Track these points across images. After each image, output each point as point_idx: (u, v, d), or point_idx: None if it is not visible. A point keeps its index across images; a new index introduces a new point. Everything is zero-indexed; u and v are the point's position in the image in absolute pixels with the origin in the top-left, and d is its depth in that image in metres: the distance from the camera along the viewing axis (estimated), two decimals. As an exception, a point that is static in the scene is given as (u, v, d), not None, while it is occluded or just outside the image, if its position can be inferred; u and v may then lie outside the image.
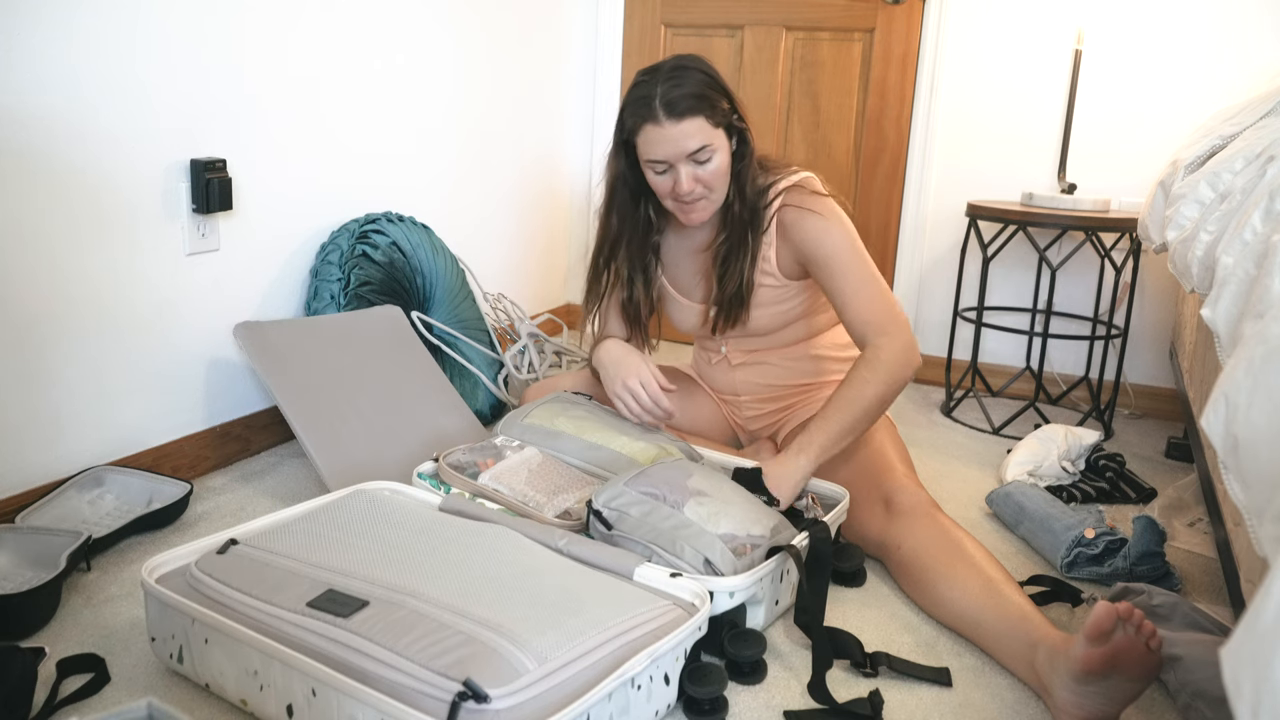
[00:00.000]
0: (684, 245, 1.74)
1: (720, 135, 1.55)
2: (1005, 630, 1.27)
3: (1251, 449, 0.69)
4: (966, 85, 2.62)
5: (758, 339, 1.75)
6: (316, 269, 2.02)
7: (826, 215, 1.60)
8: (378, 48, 2.19)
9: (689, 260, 1.74)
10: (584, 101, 3.08)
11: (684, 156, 1.53)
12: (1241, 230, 1.11)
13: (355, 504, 1.37)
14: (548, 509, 1.45)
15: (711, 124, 1.53)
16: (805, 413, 1.75)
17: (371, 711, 0.96)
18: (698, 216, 1.61)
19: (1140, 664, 1.07)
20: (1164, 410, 2.54)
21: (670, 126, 1.50)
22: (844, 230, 1.61)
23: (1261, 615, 0.45)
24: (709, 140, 1.53)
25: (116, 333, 1.66)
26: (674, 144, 1.51)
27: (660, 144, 1.52)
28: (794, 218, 1.61)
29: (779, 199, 1.63)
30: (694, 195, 1.56)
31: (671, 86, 1.51)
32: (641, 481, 1.38)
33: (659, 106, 1.50)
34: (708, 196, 1.58)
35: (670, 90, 1.50)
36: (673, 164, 1.53)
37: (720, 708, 1.16)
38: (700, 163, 1.54)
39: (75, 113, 1.54)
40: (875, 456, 1.59)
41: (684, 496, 1.35)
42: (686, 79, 1.52)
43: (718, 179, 1.57)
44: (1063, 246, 2.47)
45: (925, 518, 1.44)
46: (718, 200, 1.61)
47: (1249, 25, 2.33)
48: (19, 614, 1.27)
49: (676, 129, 1.50)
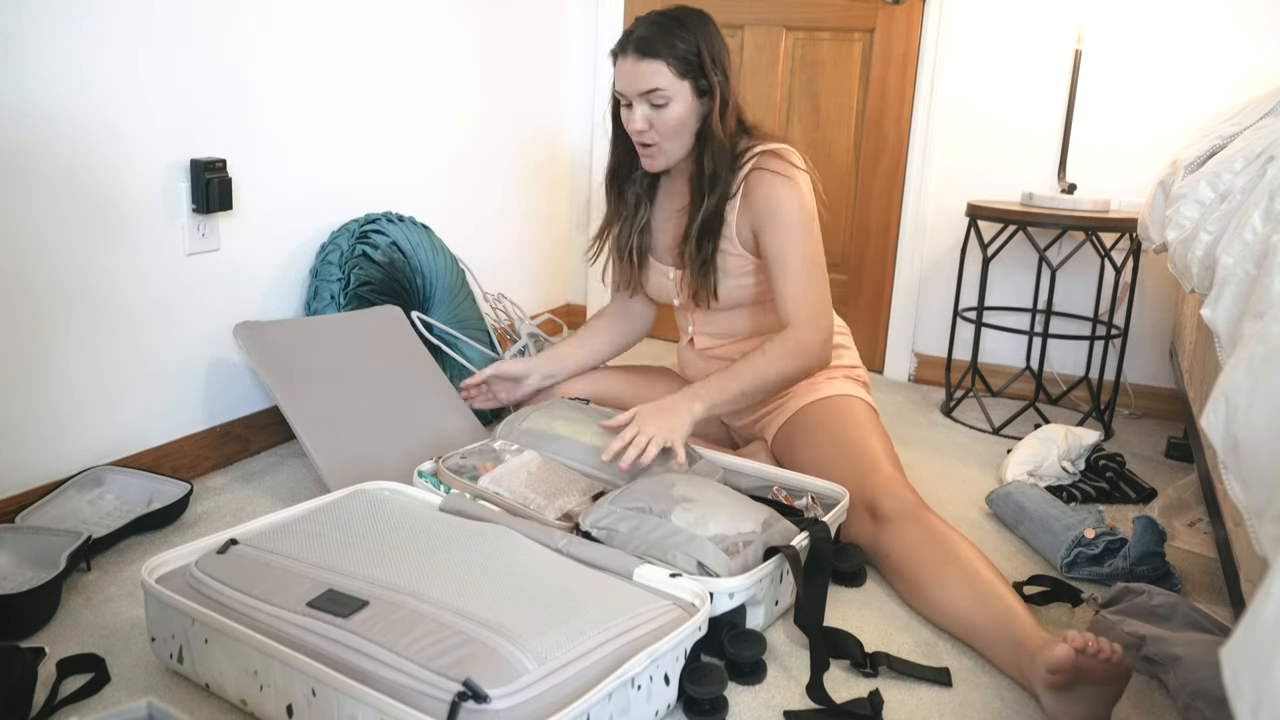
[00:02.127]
0: (665, 205, 1.78)
1: (684, 87, 1.59)
2: (995, 633, 1.27)
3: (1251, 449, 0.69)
4: (966, 85, 2.62)
5: (723, 318, 1.77)
6: (316, 269, 2.02)
7: (791, 183, 1.62)
8: (378, 48, 2.19)
9: (666, 221, 1.78)
10: (584, 101, 3.08)
11: (638, 94, 1.59)
12: (1241, 230, 1.11)
13: (355, 504, 1.37)
14: (548, 511, 1.45)
15: (674, 72, 1.58)
16: (785, 412, 1.74)
17: (371, 711, 0.96)
18: (651, 163, 1.67)
19: (1104, 675, 1.09)
20: (1164, 410, 2.54)
21: (631, 62, 1.58)
22: (802, 203, 1.62)
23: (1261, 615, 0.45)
24: (665, 86, 1.58)
25: (116, 332, 1.66)
26: (629, 79, 1.59)
27: (620, 77, 1.61)
28: (757, 180, 1.63)
29: (751, 162, 1.64)
30: (644, 138, 1.62)
31: (651, 27, 1.59)
32: (626, 498, 1.38)
33: (631, 41, 1.59)
34: (659, 144, 1.63)
35: (647, 30, 1.59)
36: (630, 99, 1.60)
37: (720, 708, 1.16)
38: (655, 105, 1.59)
39: (75, 113, 1.54)
40: (859, 457, 1.58)
41: (670, 505, 1.35)
42: (669, 27, 1.58)
43: (671, 129, 1.61)
44: (1063, 246, 2.47)
45: (913, 521, 1.43)
46: (671, 152, 1.65)
47: (1249, 26, 2.33)
48: (19, 614, 1.27)
49: (635, 66, 1.58)
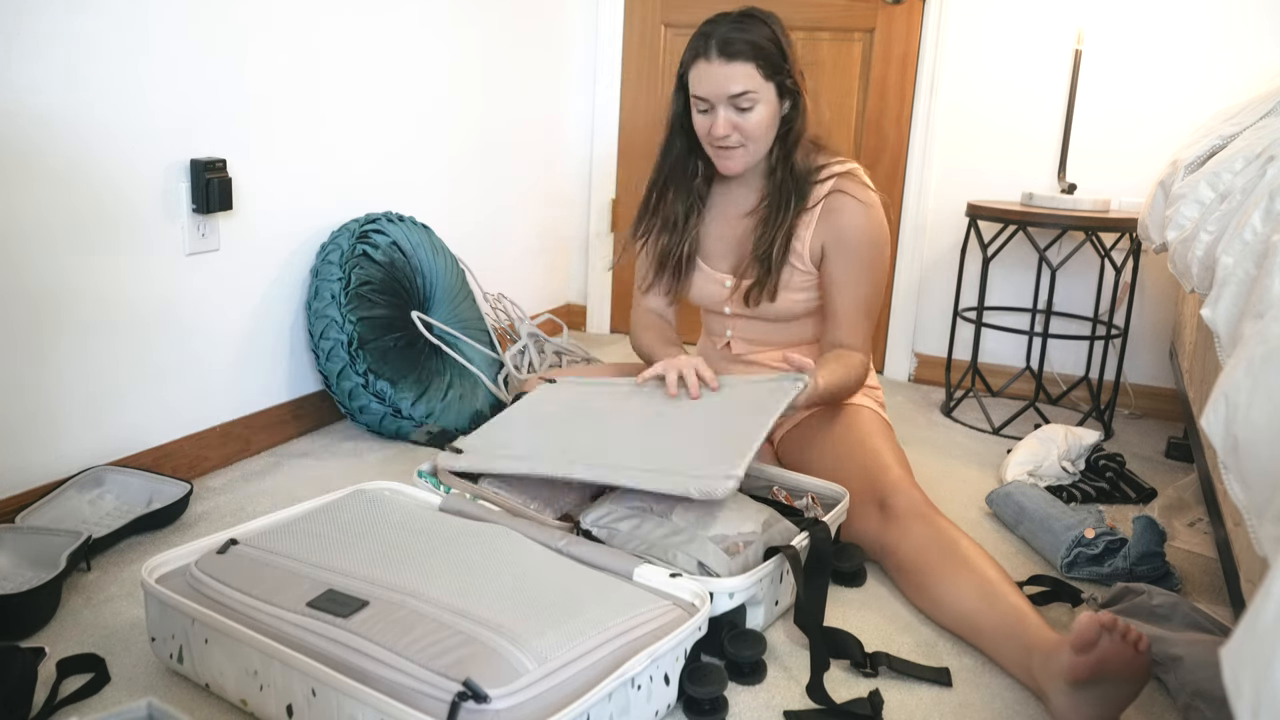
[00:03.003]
0: (724, 210, 1.74)
1: (769, 89, 1.57)
2: (1002, 633, 1.27)
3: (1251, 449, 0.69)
4: (966, 85, 2.62)
5: (766, 328, 1.75)
6: (317, 269, 2.02)
7: (871, 211, 1.63)
8: (378, 48, 2.19)
9: (724, 226, 1.74)
10: (584, 102, 3.08)
11: (725, 98, 1.55)
12: (1241, 230, 1.11)
13: (355, 504, 1.37)
14: (548, 512, 1.45)
15: (761, 75, 1.55)
16: (797, 416, 1.74)
17: (371, 711, 0.96)
18: (731, 165, 1.62)
19: (1129, 668, 1.07)
20: (1164, 410, 2.54)
21: (719, 65, 1.53)
22: (881, 233, 1.64)
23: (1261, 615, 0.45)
24: (753, 88, 1.54)
25: (116, 332, 1.66)
26: (718, 83, 1.54)
27: (705, 80, 1.55)
28: (841, 203, 1.62)
29: (832, 181, 1.63)
30: (728, 141, 1.58)
31: (732, 28, 1.54)
32: (628, 496, 1.38)
33: (714, 44, 1.54)
34: (744, 146, 1.60)
35: (729, 31, 1.54)
36: (714, 104, 1.56)
37: (720, 708, 1.16)
38: (741, 109, 1.56)
39: (75, 112, 1.54)
40: (870, 458, 1.59)
41: (670, 504, 1.35)
42: (750, 27, 1.55)
43: (758, 131, 1.58)
44: (1063, 246, 2.47)
45: (921, 519, 1.44)
46: (754, 154, 1.62)
47: (1248, 26, 2.33)
48: (19, 614, 1.27)
49: (724, 69, 1.53)
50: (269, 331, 1.99)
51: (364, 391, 1.98)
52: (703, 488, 1.26)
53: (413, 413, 2.02)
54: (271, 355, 2.01)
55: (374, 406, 2.00)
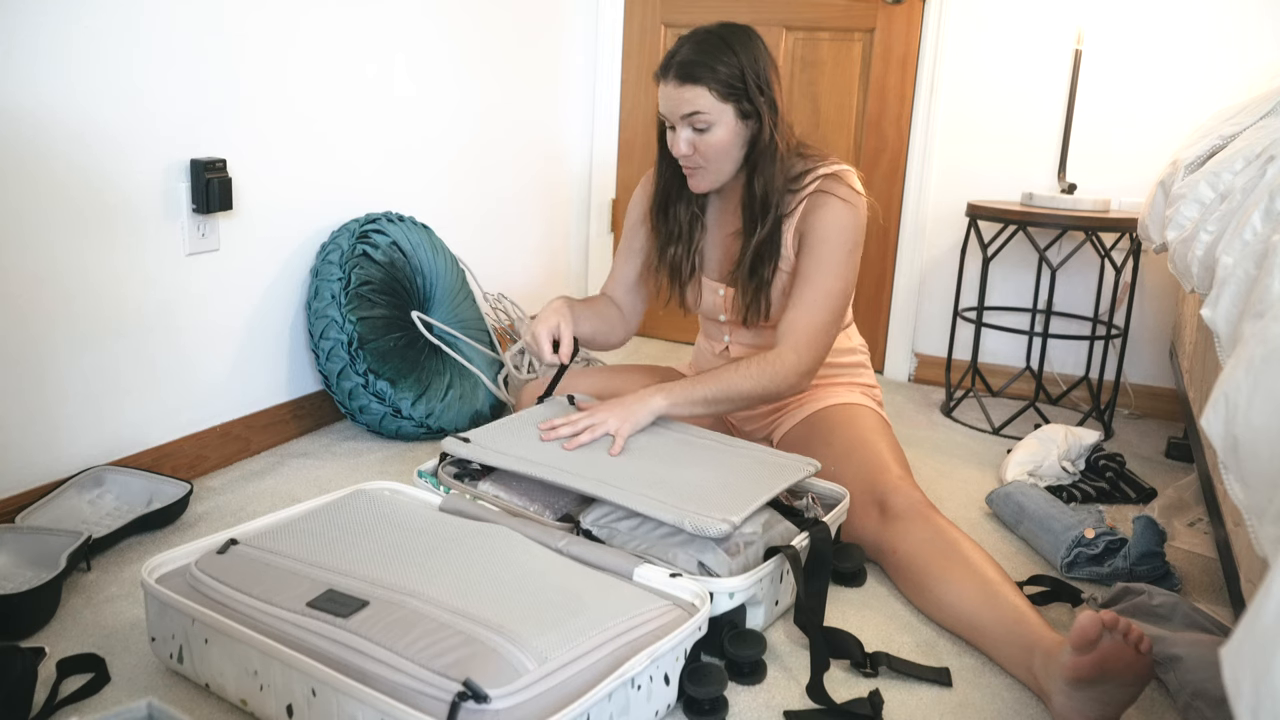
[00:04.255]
0: (720, 227, 1.74)
1: (726, 110, 1.55)
2: (1003, 634, 1.27)
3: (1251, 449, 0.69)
4: (966, 85, 2.62)
5: (764, 333, 1.75)
6: (317, 269, 2.02)
7: (850, 210, 1.60)
8: (378, 48, 2.19)
9: (721, 243, 1.74)
10: (584, 102, 3.08)
11: (679, 118, 1.56)
12: (1241, 230, 1.11)
13: (355, 504, 1.37)
14: (548, 513, 1.45)
15: (716, 96, 1.54)
16: (797, 415, 1.75)
17: (371, 711, 0.96)
18: (697, 183, 1.63)
19: (1130, 668, 1.06)
20: (1164, 410, 2.54)
21: (673, 86, 1.55)
22: (853, 233, 1.61)
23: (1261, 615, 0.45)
24: (706, 110, 1.54)
25: (116, 332, 1.66)
26: (670, 103, 1.56)
27: (663, 100, 1.57)
28: (821, 201, 1.61)
29: (815, 184, 1.62)
30: (688, 161, 1.60)
31: (691, 49, 1.54)
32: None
33: (672, 63, 1.55)
34: (704, 167, 1.60)
35: (688, 53, 1.54)
36: (674, 123, 1.58)
37: (720, 708, 1.16)
38: (698, 130, 1.56)
39: (75, 113, 1.54)
40: (870, 458, 1.58)
41: None
42: (710, 47, 1.54)
43: (715, 152, 1.58)
44: (1063, 246, 2.47)
45: (920, 519, 1.44)
46: (718, 174, 1.62)
47: (1248, 25, 2.33)
48: (19, 614, 1.27)
49: (677, 91, 1.54)
50: (269, 331, 1.99)
51: (364, 391, 1.98)
52: (698, 524, 1.26)
53: (413, 413, 2.02)
54: (271, 355, 2.01)
55: (374, 406, 2.00)
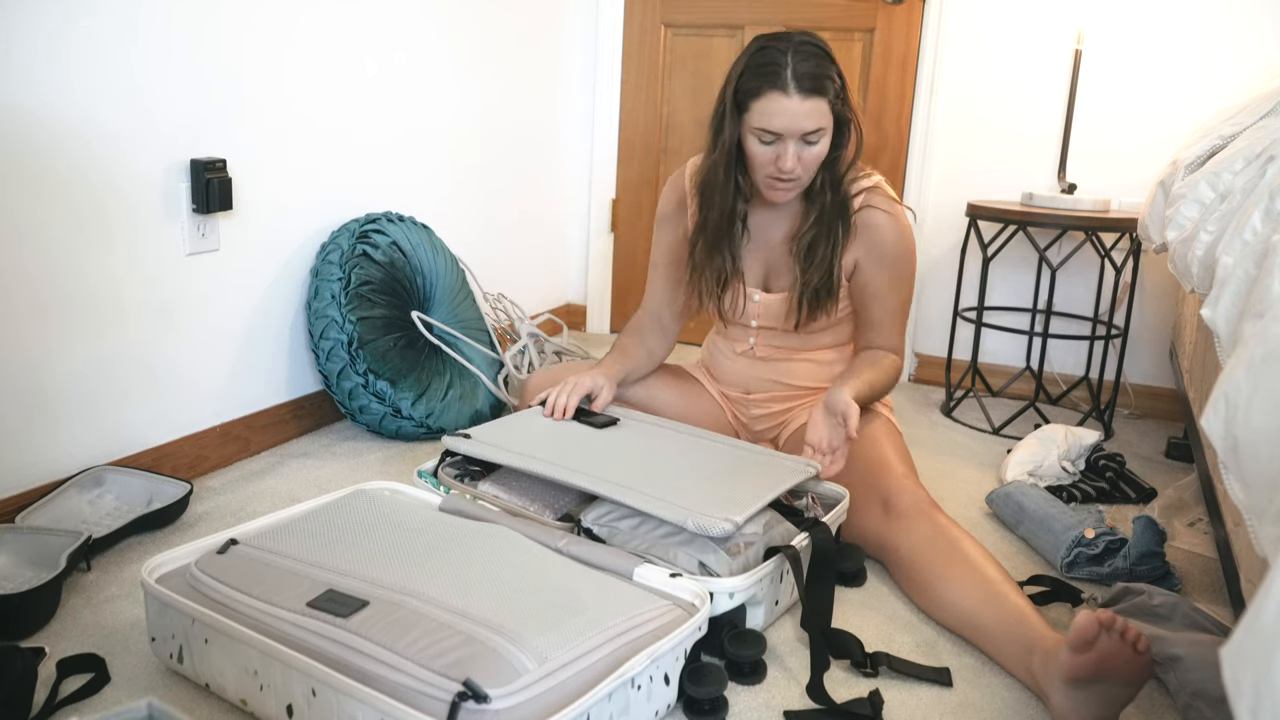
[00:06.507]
0: (762, 230, 1.72)
1: (831, 120, 1.54)
2: (1003, 633, 1.27)
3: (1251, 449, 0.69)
4: (966, 85, 2.62)
5: (792, 336, 1.75)
6: (317, 268, 2.02)
7: (900, 222, 1.66)
8: (378, 48, 2.19)
9: (760, 247, 1.73)
10: (584, 102, 3.08)
11: (798, 134, 1.51)
12: (1241, 230, 1.11)
13: (355, 504, 1.37)
14: (548, 513, 1.45)
15: (830, 108, 1.52)
16: (804, 415, 1.75)
17: (371, 711, 0.96)
18: (782, 196, 1.59)
19: (1128, 667, 1.07)
20: (1164, 410, 2.54)
21: (797, 100, 1.48)
22: (910, 244, 1.68)
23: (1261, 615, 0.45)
24: (824, 124, 1.52)
25: (116, 332, 1.66)
26: (794, 119, 1.49)
27: (780, 115, 1.49)
28: (873, 219, 1.63)
29: (861, 197, 1.64)
30: (791, 174, 1.55)
31: (803, 59, 1.48)
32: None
33: (790, 77, 1.47)
34: (800, 179, 1.58)
35: (802, 63, 1.48)
36: (783, 138, 1.51)
37: (720, 708, 1.16)
38: (810, 144, 1.53)
39: (75, 113, 1.54)
40: (874, 456, 1.59)
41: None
42: (818, 57, 1.50)
43: (817, 163, 1.56)
44: (1063, 246, 2.47)
45: (923, 518, 1.44)
46: (804, 184, 1.60)
47: (1248, 25, 2.33)
48: (19, 614, 1.27)
49: (803, 105, 1.48)
50: (269, 331, 1.99)
51: (364, 391, 1.98)
52: (700, 523, 1.26)
53: (413, 413, 2.02)
54: (271, 355, 2.01)
55: (374, 406, 2.00)
